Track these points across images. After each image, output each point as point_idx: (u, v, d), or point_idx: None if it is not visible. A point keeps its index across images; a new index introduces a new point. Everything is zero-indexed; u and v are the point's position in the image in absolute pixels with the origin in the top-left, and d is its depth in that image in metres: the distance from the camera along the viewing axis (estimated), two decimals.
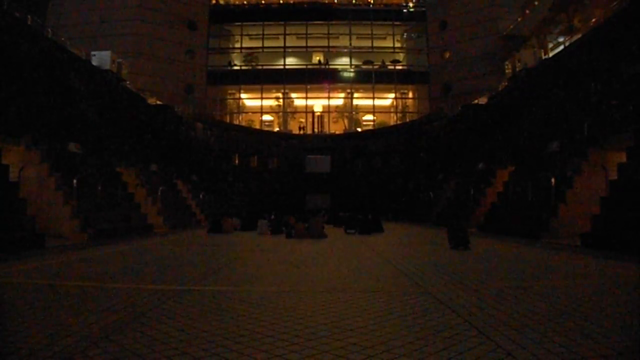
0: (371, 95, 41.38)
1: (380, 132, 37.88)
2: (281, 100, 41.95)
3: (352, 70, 41.60)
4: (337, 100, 42.75)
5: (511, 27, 34.47)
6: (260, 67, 41.58)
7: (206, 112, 37.68)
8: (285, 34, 41.63)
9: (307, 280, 5.90)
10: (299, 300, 4.53)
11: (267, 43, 42.05)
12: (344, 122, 41.74)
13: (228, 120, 40.60)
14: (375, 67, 41.14)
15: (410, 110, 42.22)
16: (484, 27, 36.71)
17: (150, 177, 19.58)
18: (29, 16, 23.45)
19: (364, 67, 41.58)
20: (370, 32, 41.95)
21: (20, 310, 4.05)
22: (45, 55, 19.50)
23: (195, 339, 3.14)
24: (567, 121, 15.67)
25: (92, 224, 12.46)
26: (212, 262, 7.90)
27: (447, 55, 39.33)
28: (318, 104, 42.28)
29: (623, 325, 3.46)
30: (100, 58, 26.85)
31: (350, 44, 41.84)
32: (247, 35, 42.69)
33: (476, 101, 31.01)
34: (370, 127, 41.40)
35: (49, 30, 27.02)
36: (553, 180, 12.41)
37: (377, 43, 42.24)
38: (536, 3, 31.77)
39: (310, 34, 41.92)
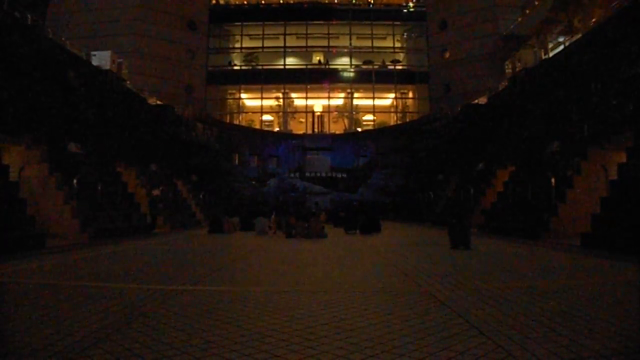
0: (371, 95, 41.36)
1: (380, 132, 37.84)
2: (281, 100, 41.94)
3: (352, 70, 41.58)
4: (337, 100, 42.73)
5: (511, 27, 34.44)
6: (260, 67, 41.57)
7: (206, 112, 37.67)
8: (285, 34, 41.61)
9: (307, 280, 5.90)
10: (299, 300, 4.53)
11: (267, 43, 42.04)
12: (344, 122, 41.72)
13: (228, 120, 40.60)
14: (376, 67, 41.12)
15: (410, 110, 42.22)
16: (484, 27, 36.68)
17: (150, 177, 19.57)
18: (29, 16, 23.38)
19: (364, 67, 41.57)
20: (370, 32, 41.94)
21: (20, 310, 4.05)
22: (45, 55, 19.47)
23: (195, 339, 3.14)
24: (567, 121, 15.65)
25: (92, 224, 12.45)
26: (212, 262, 7.90)
27: (447, 55, 39.29)
28: (318, 104, 42.26)
29: (623, 325, 3.46)
30: (100, 58, 26.79)
31: (350, 44, 41.83)
32: (247, 35, 42.68)
33: (476, 101, 30.98)
34: (371, 127, 41.39)
35: (49, 30, 26.98)
36: (553, 180, 12.40)
37: (377, 43, 42.23)
38: (536, 3, 31.74)
39: (310, 34, 41.90)
